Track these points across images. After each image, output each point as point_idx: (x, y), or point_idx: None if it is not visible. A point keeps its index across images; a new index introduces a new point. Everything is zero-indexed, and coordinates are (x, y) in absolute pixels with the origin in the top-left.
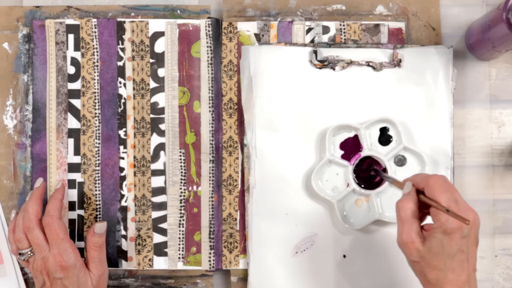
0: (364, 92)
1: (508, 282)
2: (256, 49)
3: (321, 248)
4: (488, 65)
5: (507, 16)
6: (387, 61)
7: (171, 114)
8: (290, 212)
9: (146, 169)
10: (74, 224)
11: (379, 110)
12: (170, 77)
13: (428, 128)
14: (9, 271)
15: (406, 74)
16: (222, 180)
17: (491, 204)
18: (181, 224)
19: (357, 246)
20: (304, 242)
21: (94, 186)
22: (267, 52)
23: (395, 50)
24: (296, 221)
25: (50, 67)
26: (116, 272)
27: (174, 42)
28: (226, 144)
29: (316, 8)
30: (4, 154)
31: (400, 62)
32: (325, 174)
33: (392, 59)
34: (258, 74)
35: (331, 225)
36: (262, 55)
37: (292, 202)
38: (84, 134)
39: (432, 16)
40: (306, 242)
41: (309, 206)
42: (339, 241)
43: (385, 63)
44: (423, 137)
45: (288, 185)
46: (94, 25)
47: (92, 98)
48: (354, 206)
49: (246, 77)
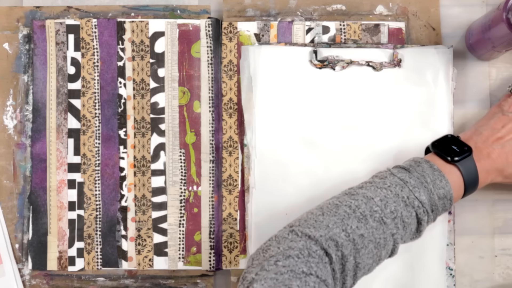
0: (364, 92)
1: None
2: (256, 49)
3: None
4: (488, 65)
5: (507, 16)
6: (387, 61)
7: (171, 114)
8: (290, 212)
9: (146, 169)
10: (74, 224)
11: (379, 109)
12: (170, 77)
13: (428, 128)
14: (7, 271)
15: (406, 74)
16: (222, 180)
17: (491, 204)
18: (181, 224)
19: None
20: None
21: (94, 186)
22: (267, 52)
23: (395, 50)
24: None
25: (50, 67)
26: (116, 273)
27: (174, 42)
28: (226, 144)
29: (316, 8)
30: (4, 154)
31: (400, 62)
32: None
33: (392, 59)
34: (258, 74)
35: None
36: (262, 55)
37: (292, 202)
38: (84, 134)
39: (432, 16)
40: None
41: (309, 207)
42: None
43: (385, 63)
44: (423, 137)
45: (288, 185)
46: (94, 25)
47: (92, 98)
48: None
49: (246, 77)
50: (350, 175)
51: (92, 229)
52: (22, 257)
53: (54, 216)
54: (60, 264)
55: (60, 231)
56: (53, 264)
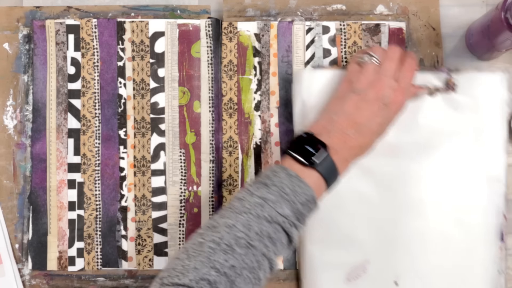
0: (417, 117)
1: (509, 282)
2: (310, 73)
3: (374, 275)
4: (488, 65)
5: (506, 15)
6: (441, 86)
7: (171, 114)
8: (342, 238)
9: (146, 169)
10: (74, 224)
11: (431, 134)
12: (170, 77)
13: (481, 153)
14: (7, 271)
15: (460, 99)
16: (222, 180)
17: None
18: (181, 224)
19: (410, 272)
20: (356, 269)
21: (94, 186)
22: (321, 76)
23: (449, 75)
24: (349, 248)
25: (50, 67)
26: (116, 273)
27: (174, 42)
28: (226, 144)
29: (316, 8)
30: (4, 154)
31: (454, 87)
32: None
33: (446, 83)
34: (312, 99)
35: (383, 252)
36: (316, 80)
37: (344, 228)
38: (84, 134)
39: (432, 16)
40: (358, 269)
41: (362, 233)
42: (391, 268)
43: (440, 87)
44: (475, 162)
45: (341, 211)
46: (94, 25)
47: (92, 98)
48: None
49: (299, 102)
50: (407, 199)
51: (92, 229)
52: (22, 257)
53: (54, 216)
54: (60, 264)
55: (60, 231)
56: (53, 264)
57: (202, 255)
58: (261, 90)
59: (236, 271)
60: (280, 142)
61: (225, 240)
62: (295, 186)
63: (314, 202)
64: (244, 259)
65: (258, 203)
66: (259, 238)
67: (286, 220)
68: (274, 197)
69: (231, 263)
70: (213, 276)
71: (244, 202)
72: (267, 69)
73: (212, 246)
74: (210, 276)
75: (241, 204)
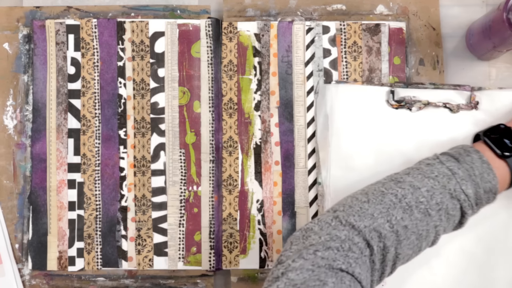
0: (440, 134)
1: None
2: (333, 87)
3: None
4: (488, 65)
5: (508, 16)
6: (464, 103)
7: (171, 114)
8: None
9: (146, 169)
10: (74, 224)
11: None
12: (170, 77)
13: None
14: (7, 271)
15: (483, 117)
16: (222, 180)
17: None
18: (181, 224)
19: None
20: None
21: (94, 186)
22: (345, 90)
23: (472, 92)
24: None
25: (50, 67)
26: (116, 273)
27: (174, 42)
28: (226, 144)
29: (316, 8)
30: (4, 154)
31: (477, 105)
32: None
33: (469, 101)
34: (335, 112)
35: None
36: (339, 94)
37: None
38: (84, 134)
39: (432, 16)
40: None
41: None
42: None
43: (462, 105)
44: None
45: None
46: (94, 25)
47: (92, 98)
48: None
49: (322, 115)
50: None
51: (92, 229)
52: (22, 257)
53: (54, 216)
54: (60, 264)
55: (60, 231)
56: (53, 264)
57: (382, 204)
58: (261, 90)
59: (407, 233)
60: (280, 142)
61: (407, 199)
62: (484, 172)
63: (494, 194)
64: (417, 224)
65: (446, 174)
66: (437, 209)
67: (467, 200)
68: (462, 173)
69: (405, 223)
70: (386, 230)
71: (433, 168)
72: (267, 69)
73: (393, 200)
74: (383, 229)
75: (430, 170)
